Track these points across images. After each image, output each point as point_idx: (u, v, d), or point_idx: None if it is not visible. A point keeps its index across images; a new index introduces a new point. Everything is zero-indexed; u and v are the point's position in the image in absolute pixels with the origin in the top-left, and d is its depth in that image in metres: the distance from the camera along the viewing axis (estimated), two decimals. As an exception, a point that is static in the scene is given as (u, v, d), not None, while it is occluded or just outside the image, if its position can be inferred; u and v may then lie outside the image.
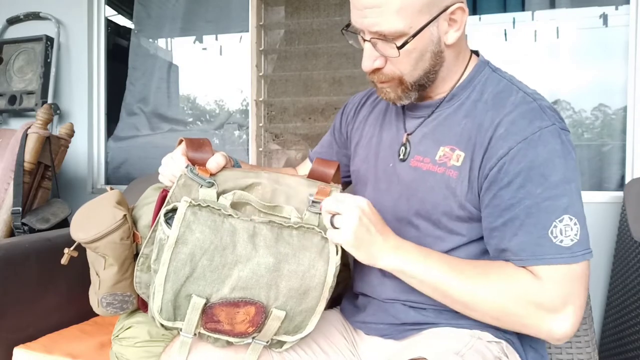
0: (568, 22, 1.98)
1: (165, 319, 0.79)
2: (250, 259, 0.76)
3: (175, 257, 0.75)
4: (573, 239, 0.76)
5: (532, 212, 0.77)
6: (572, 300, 0.76)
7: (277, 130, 2.14)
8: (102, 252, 0.96)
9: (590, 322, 0.94)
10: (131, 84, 2.44)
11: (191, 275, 0.76)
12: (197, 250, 0.75)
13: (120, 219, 0.96)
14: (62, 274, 1.44)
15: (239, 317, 0.78)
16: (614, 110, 1.93)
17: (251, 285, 0.77)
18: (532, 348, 0.88)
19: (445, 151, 0.86)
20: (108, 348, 1.23)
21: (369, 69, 0.85)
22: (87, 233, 0.95)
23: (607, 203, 1.78)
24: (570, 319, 0.76)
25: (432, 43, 0.83)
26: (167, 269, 0.75)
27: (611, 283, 1.73)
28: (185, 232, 0.75)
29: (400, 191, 0.91)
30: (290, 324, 0.81)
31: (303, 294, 0.79)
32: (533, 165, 0.77)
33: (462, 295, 0.79)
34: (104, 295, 1.00)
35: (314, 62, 2.10)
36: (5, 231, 1.66)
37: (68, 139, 1.85)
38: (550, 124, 0.79)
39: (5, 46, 2.28)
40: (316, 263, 0.78)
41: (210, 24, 2.43)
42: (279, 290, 0.78)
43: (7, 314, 1.26)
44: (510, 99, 0.83)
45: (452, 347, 0.78)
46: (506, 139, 0.79)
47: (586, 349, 0.93)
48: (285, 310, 0.78)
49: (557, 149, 0.77)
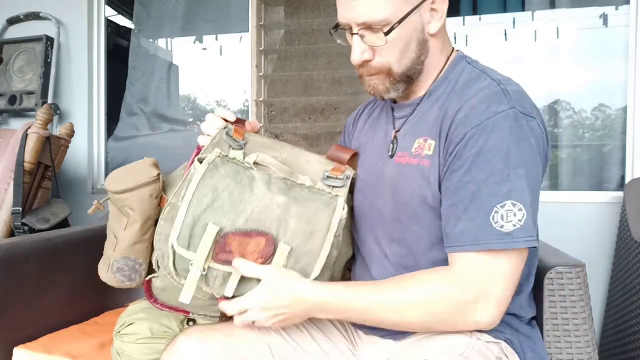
0: (568, 22, 1.98)
1: (181, 245, 0.84)
2: (264, 196, 0.87)
3: (201, 187, 0.86)
4: (515, 225, 0.76)
5: (475, 198, 0.78)
6: (493, 290, 0.77)
7: (277, 130, 2.14)
8: (129, 204, 1.01)
9: (590, 322, 0.94)
10: (131, 84, 2.44)
11: (211, 205, 0.85)
12: (219, 184, 0.86)
13: (155, 175, 1.01)
14: (62, 274, 1.44)
15: (250, 247, 0.85)
16: (614, 110, 1.93)
17: (263, 218, 0.86)
18: (530, 348, 0.88)
19: (420, 142, 0.89)
20: (108, 348, 1.23)
21: (358, 61, 0.88)
22: (122, 184, 1.00)
23: (607, 203, 1.78)
24: (493, 309, 0.77)
25: (416, 31, 0.86)
26: (192, 195, 0.85)
27: (611, 283, 1.73)
28: (212, 170, 0.87)
29: (387, 189, 0.93)
30: (295, 265, 0.86)
31: (309, 235, 0.86)
32: (481, 151, 0.78)
33: (392, 321, 0.82)
34: (116, 258, 1.03)
35: (314, 62, 2.10)
36: (5, 231, 1.66)
37: (68, 139, 1.85)
38: (507, 107, 0.79)
39: (5, 46, 2.28)
40: (322, 210, 0.87)
41: (210, 24, 2.43)
42: (288, 225, 0.86)
43: (7, 314, 1.26)
44: (476, 85, 0.85)
45: (455, 348, 0.78)
46: (465, 124, 0.80)
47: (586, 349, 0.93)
48: (291, 246, 0.85)
49: (508, 133, 0.77)
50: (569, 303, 0.94)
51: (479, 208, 0.77)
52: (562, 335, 0.94)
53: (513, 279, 0.79)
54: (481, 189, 0.77)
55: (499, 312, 0.79)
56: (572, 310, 0.94)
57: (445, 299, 0.78)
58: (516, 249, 0.77)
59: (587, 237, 1.78)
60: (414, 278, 0.83)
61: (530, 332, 0.90)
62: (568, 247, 1.16)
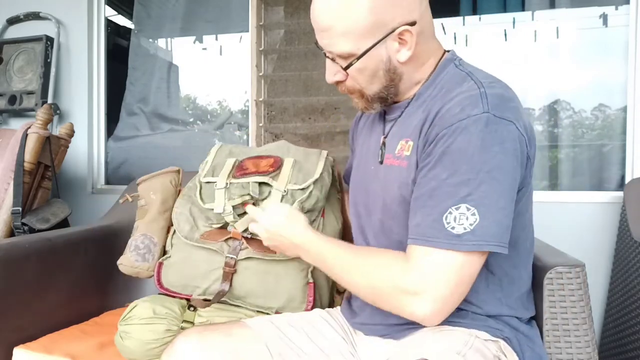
0: (568, 22, 1.98)
1: (207, 176, 1.18)
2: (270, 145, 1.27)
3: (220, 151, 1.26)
4: (466, 228, 0.77)
5: (434, 195, 0.80)
6: (433, 288, 0.79)
7: (277, 130, 2.14)
8: (153, 188, 1.26)
9: (590, 322, 0.94)
10: (131, 84, 2.44)
11: (231, 152, 1.25)
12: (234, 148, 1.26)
13: (175, 169, 1.32)
14: (62, 274, 1.44)
15: (262, 163, 1.15)
16: (614, 111, 1.93)
17: (269, 150, 1.22)
18: (529, 347, 0.88)
19: (402, 144, 0.91)
20: (108, 348, 1.23)
21: (331, 82, 0.94)
22: (147, 175, 1.29)
23: (607, 203, 1.78)
24: (428, 304, 0.79)
25: (382, 62, 0.88)
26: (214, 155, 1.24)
27: (611, 283, 1.73)
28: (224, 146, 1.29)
29: (376, 191, 0.95)
30: (299, 173, 1.14)
31: (307, 155, 1.20)
32: (447, 151, 0.79)
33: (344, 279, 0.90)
34: (137, 236, 1.22)
35: (314, 62, 2.10)
36: (5, 231, 1.65)
37: (68, 139, 1.85)
38: (480, 112, 0.79)
39: (5, 46, 2.28)
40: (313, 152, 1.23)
41: (210, 24, 2.43)
42: (289, 151, 1.21)
43: (7, 314, 1.26)
44: (458, 88, 0.86)
45: (453, 347, 0.79)
46: (439, 125, 0.82)
47: (586, 349, 0.93)
48: (294, 159, 1.17)
49: (477, 138, 0.78)
50: (569, 303, 0.94)
51: (435, 205, 0.79)
52: (562, 335, 0.94)
53: (459, 281, 0.79)
54: (440, 187, 0.79)
55: (437, 310, 0.79)
56: (572, 310, 0.93)
57: (390, 284, 0.82)
58: (464, 251, 0.77)
59: (587, 237, 1.78)
60: (379, 256, 0.88)
61: (529, 332, 0.91)
62: (568, 247, 1.16)
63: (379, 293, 0.85)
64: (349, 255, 0.90)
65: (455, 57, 0.94)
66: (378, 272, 0.85)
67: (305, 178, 1.13)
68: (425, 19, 0.89)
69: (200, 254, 1.16)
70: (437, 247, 0.78)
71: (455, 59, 0.93)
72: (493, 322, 0.87)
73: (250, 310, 1.16)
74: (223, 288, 1.13)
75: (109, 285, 1.56)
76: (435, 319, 0.81)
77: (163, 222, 1.24)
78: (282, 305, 1.14)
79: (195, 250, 1.16)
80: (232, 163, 1.18)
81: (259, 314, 1.14)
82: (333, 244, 0.93)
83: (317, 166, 1.16)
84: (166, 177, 1.28)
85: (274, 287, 1.12)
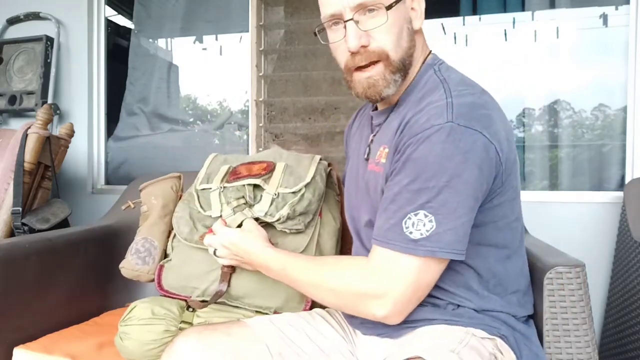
0: (568, 22, 1.98)
1: (202, 183, 1.21)
2: (263, 152, 1.28)
3: (214, 159, 1.28)
4: (423, 234, 0.79)
5: (395, 199, 0.83)
6: (393, 290, 0.82)
7: (277, 130, 2.14)
8: (154, 193, 1.28)
9: (590, 322, 0.94)
10: (131, 84, 2.44)
11: (225, 161, 1.26)
12: (228, 157, 1.28)
13: (176, 175, 1.34)
14: (62, 274, 1.44)
15: (255, 168, 1.18)
16: (614, 111, 1.93)
17: (263, 156, 1.24)
18: (526, 346, 0.89)
19: (380, 150, 0.93)
20: (108, 348, 1.23)
21: (356, 47, 0.88)
22: (149, 181, 1.32)
23: (607, 203, 1.78)
24: (388, 306, 0.83)
25: (406, 21, 0.90)
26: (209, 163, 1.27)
27: (611, 283, 1.73)
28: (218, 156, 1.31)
29: (363, 195, 0.98)
30: (291, 177, 1.15)
31: (299, 160, 1.21)
32: (410, 158, 0.82)
33: (310, 293, 0.95)
34: (138, 240, 1.24)
35: (313, 62, 2.09)
36: (5, 231, 1.65)
37: (68, 139, 1.85)
38: (444, 121, 0.80)
39: (5, 46, 2.28)
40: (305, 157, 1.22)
41: (210, 24, 2.43)
42: (282, 157, 1.21)
43: (7, 314, 1.26)
44: (429, 98, 0.87)
45: (448, 344, 0.79)
46: (407, 134, 0.85)
47: (586, 349, 0.93)
48: (286, 163, 1.18)
49: (439, 147, 0.79)
50: (569, 303, 0.94)
51: (395, 210, 0.82)
52: (562, 335, 0.94)
53: (416, 284, 0.82)
54: (401, 193, 0.82)
55: (396, 311, 0.83)
56: (572, 310, 0.93)
57: (351, 289, 0.87)
58: (421, 256, 0.80)
59: (587, 237, 1.78)
60: (336, 264, 0.94)
61: (526, 330, 0.91)
62: (568, 247, 1.16)
63: (341, 298, 0.89)
64: (310, 266, 0.94)
65: (436, 60, 0.95)
66: (338, 278, 0.89)
67: (297, 182, 1.14)
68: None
69: (199, 254, 1.17)
70: (395, 249, 0.81)
71: (435, 64, 0.94)
72: (490, 320, 0.87)
73: (249, 311, 1.16)
74: (221, 289, 1.13)
75: (109, 285, 1.56)
76: (395, 319, 0.85)
77: (164, 226, 1.26)
78: (280, 305, 1.14)
79: (195, 251, 1.18)
80: (225, 169, 1.21)
81: (258, 314, 1.14)
82: (294, 257, 0.98)
83: (308, 170, 1.17)
84: (167, 182, 1.31)
85: (272, 287, 1.12)
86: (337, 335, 0.98)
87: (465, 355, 0.77)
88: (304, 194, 1.13)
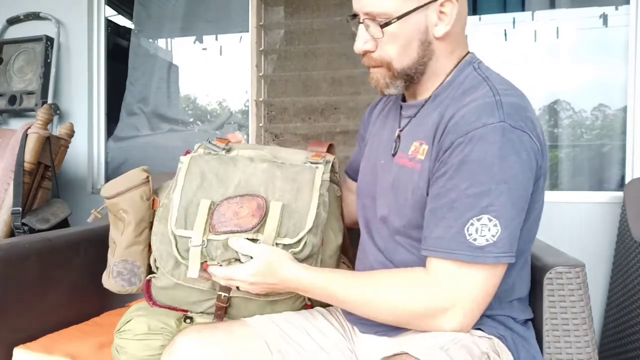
0: (568, 22, 1.98)
1: (178, 227, 0.93)
2: (247, 167, 0.98)
3: (189, 174, 0.97)
4: (488, 240, 0.76)
5: (454, 206, 0.78)
6: (462, 301, 0.79)
7: (277, 130, 2.14)
8: (123, 207, 1.06)
9: (590, 322, 0.94)
10: (131, 84, 2.44)
11: (201, 185, 0.95)
12: (205, 169, 0.98)
13: (144, 178, 1.08)
14: (62, 274, 1.44)
15: (243, 211, 0.92)
16: (614, 110, 1.93)
17: (251, 184, 0.95)
18: (524, 348, 0.88)
19: (416, 145, 0.89)
20: (108, 348, 1.23)
21: (359, 50, 0.90)
22: (113, 189, 1.07)
23: (607, 203, 1.78)
24: (458, 317, 0.79)
25: (418, 32, 0.86)
26: (182, 182, 0.96)
27: (611, 283, 1.73)
28: (197, 159, 0.99)
29: (389, 188, 0.93)
30: (289, 221, 0.93)
31: (296, 191, 0.95)
32: (466, 160, 0.78)
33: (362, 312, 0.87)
34: (116, 262, 1.08)
35: (314, 62, 2.09)
36: (5, 231, 1.65)
37: (68, 139, 1.85)
38: (497, 121, 0.78)
39: (5, 46, 2.28)
40: (304, 171, 0.98)
41: (210, 24, 2.44)
42: (275, 186, 0.95)
43: (7, 314, 1.26)
44: (473, 94, 0.84)
45: (438, 342, 0.78)
46: (454, 132, 0.80)
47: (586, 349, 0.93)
48: (282, 202, 0.93)
49: (495, 147, 0.77)
50: (568, 303, 0.94)
51: (456, 217, 0.78)
52: (562, 335, 0.93)
53: (484, 292, 0.80)
54: (460, 198, 0.78)
55: (466, 323, 0.80)
56: (572, 310, 0.93)
57: (415, 306, 0.81)
58: (489, 264, 0.77)
59: (587, 237, 1.78)
60: (391, 278, 0.86)
61: (524, 333, 0.91)
62: (568, 247, 1.16)
63: (403, 316, 0.83)
64: (360, 282, 0.87)
65: (475, 59, 0.93)
66: (398, 296, 0.83)
67: (297, 227, 0.93)
68: (462, 2, 0.88)
69: (188, 289, 1.02)
70: (461, 259, 0.77)
71: (474, 62, 0.92)
72: (488, 320, 0.87)
73: None
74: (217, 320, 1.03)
75: (109, 285, 1.56)
76: (466, 330, 0.82)
77: (142, 243, 1.08)
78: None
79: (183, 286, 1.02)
80: (206, 208, 0.93)
81: None
82: (336, 275, 0.89)
83: (309, 206, 0.94)
84: (135, 192, 1.07)
85: (273, 311, 1.03)
86: (337, 333, 0.98)
87: (455, 353, 0.76)
88: (306, 241, 0.95)
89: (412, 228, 0.88)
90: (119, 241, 1.08)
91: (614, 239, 1.74)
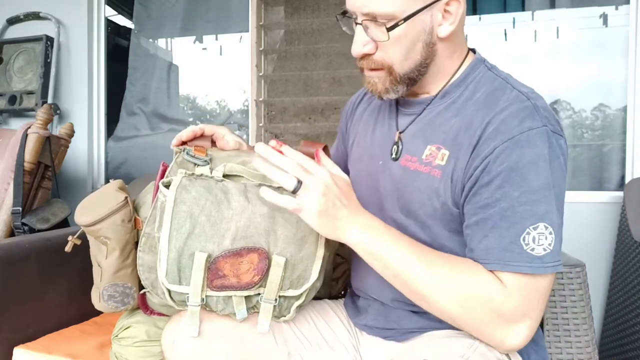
0: (568, 22, 1.98)
1: (171, 282, 0.81)
2: (245, 209, 0.81)
3: (176, 216, 0.80)
4: (546, 249, 0.73)
5: (506, 215, 0.73)
6: (531, 313, 0.73)
7: (277, 130, 2.14)
8: (104, 234, 0.98)
9: (590, 322, 0.94)
10: (131, 84, 2.44)
11: (192, 232, 0.80)
12: (194, 208, 0.81)
13: (122, 201, 0.99)
14: (62, 274, 1.44)
15: (243, 266, 0.81)
16: (614, 110, 1.93)
17: (250, 233, 0.81)
18: (534, 350, 0.87)
19: (432, 150, 0.84)
20: (108, 348, 1.23)
21: (358, 54, 0.83)
22: (90, 215, 0.98)
23: (607, 203, 1.78)
24: (525, 331, 0.73)
25: (424, 32, 0.81)
26: (169, 227, 0.80)
27: (611, 283, 1.73)
28: (182, 192, 0.81)
29: (388, 190, 0.89)
30: (293, 273, 0.83)
31: (301, 240, 0.82)
32: (515, 167, 0.73)
33: (424, 288, 0.75)
34: (105, 286, 1.01)
35: (314, 62, 2.10)
36: (5, 231, 1.65)
37: (68, 139, 1.85)
38: (541, 125, 0.75)
39: (5, 46, 2.28)
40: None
41: (210, 24, 2.43)
42: (277, 236, 0.82)
43: (7, 314, 1.26)
44: (503, 97, 0.80)
45: (457, 349, 0.77)
46: (494, 137, 0.76)
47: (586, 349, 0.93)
48: (285, 257, 0.81)
49: (544, 152, 0.74)
50: (569, 303, 0.94)
51: (509, 227, 0.73)
52: (562, 335, 0.94)
53: (544, 306, 0.75)
54: (514, 207, 0.73)
55: (528, 337, 0.74)
56: (572, 310, 0.94)
57: (488, 303, 0.73)
58: (549, 274, 0.73)
59: (587, 237, 1.78)
60: (469, 269, 0.76)
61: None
62: (568, 247, 1.16)
63: (468, 313, 0.74)
64: (428, 262, 0.75)
65: (483, 57, 0.90)
66: (473, 289, 0.74)
67: (302, 279, 0.85)
68: (464, 1, 0.84)
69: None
70: (519, 271, 0.72)
71: (484, 60, 0.89)
72: None
73: None
74: None
75: (109, 285, 1.56)
76: (522, 346, 0.75)
77: (131, 266, 1.02)
78: None
79: None
80: (203, 263, 0.81)
81: None
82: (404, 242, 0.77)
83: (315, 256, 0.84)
84: (116, 217, 0.98)
85: None
86: (343, 330, 0.97)
87: None
88: (309, 291, 0.87)
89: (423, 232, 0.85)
90: (104, 265, 1.01)
91: (614, 239, 1.74)
